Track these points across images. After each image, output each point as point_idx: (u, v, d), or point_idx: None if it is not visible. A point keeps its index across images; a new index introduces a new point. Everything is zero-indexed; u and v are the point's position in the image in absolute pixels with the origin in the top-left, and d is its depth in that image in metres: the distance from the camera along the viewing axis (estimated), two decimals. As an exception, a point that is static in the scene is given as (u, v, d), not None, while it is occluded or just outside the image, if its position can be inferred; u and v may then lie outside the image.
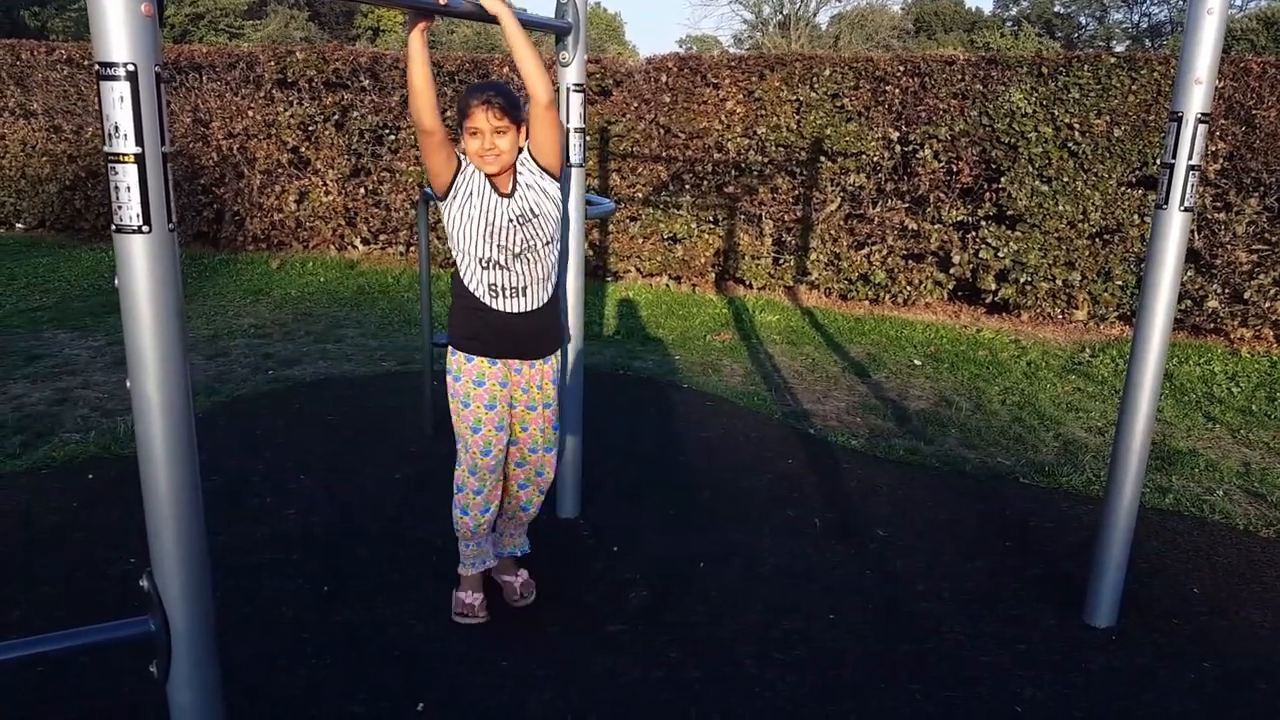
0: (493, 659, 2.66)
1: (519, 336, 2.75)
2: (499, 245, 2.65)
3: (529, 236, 2.66)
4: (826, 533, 3.52)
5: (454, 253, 2.69)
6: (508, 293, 2.69)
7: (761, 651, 2.74)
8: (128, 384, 1.65)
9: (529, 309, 2.73)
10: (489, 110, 2.56)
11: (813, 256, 7.28)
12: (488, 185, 2.63)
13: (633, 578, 3.14)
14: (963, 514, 3.73)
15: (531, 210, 2.66)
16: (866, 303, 7.31)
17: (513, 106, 2.59)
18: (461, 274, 2.71)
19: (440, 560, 3.19)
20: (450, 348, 2.79)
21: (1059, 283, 6.63)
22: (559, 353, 2.90)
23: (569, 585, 3.09)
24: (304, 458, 4.02)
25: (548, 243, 2.71)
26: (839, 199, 7.14)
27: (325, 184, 8.31)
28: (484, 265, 2.66)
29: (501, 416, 2.78)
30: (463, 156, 2.65)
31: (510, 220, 2.65)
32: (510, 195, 2.65)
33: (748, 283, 7.64)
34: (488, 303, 2.69)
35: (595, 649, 2.74)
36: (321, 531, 3.38)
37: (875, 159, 6.93)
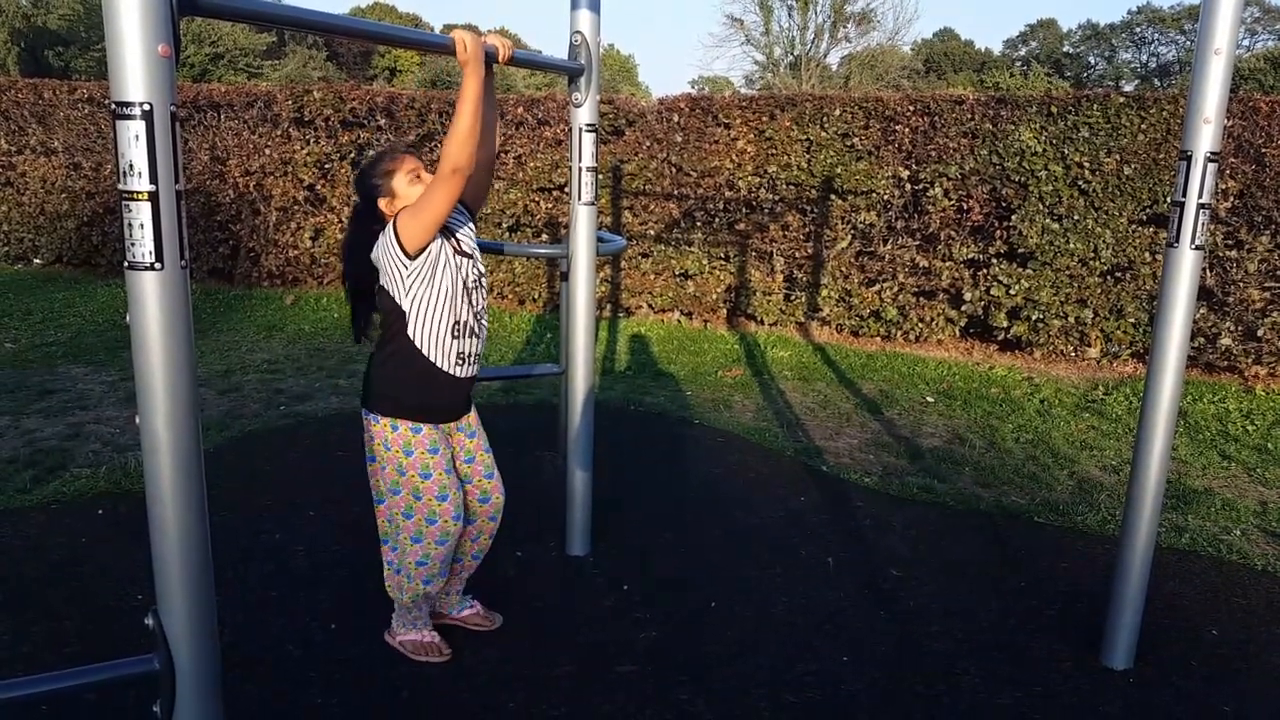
0: (501, 701, 2.63)
1: (465, 397, 2.77)
2: (470, 308, 2.65)
3: (484, 299, 2.72)
4: (839, 572, 3.48)
5: (411, 322, 2.59)
6: (470, 359, 2.69)
7: (774, 693, 2.70)
8: (136, 420, 1.66)
9: (478, 370, 2.77)
10: (411, 153, 2.67)
11: (824, 293, 7.28)
12: (450, 247, 2.62)
13: (643, 617, 3.11)
14: (977, 553, 3.68)
15: (481, 275, 2.72)
16: (878, 339, 7.29)
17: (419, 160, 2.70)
18: (420, 344, 2.60)
19: (448, 598, 3.16)
20: (391, 421, 2.65)
21: (1071, 320, 6.61)
22: None
23: (579, 624, 3.06)
24: (313, 494, 4.02)
25: (485, 309, 2.77)
26: (850, 236, 7.16)
27: (341, 221, 8.39)
28: (455, 334, 2.63)
29: (445, 472, 2.70)
30: None
31: (476, 279, 2.69)
32: (470, 256, 2.68)
33: (759, 319, 7.65)
34: (455, 373, 2.65)
35: (606, 689, 2.70)
36: (329, 569, 3.37)
37: (886, 197, 6.96)
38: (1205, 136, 2.57)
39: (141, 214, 1.55)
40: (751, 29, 37.00)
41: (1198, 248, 2.65)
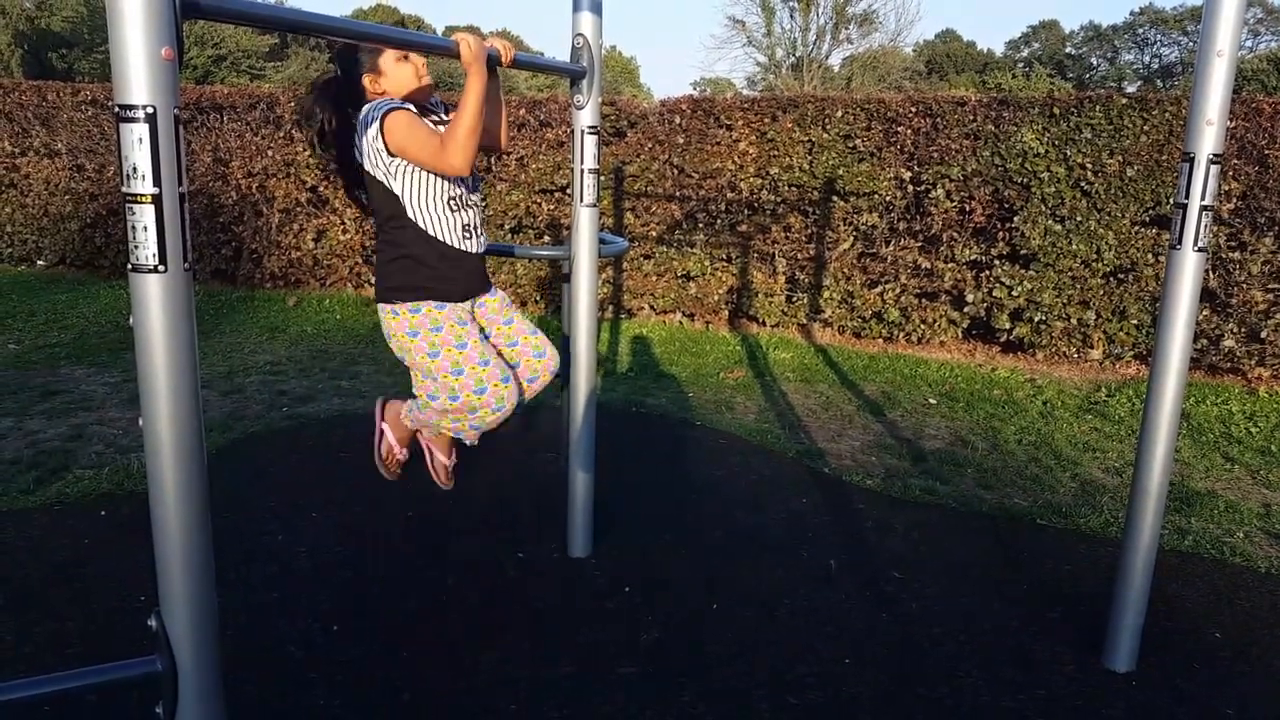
0: (502, 701, 2.64)
1: (479, 272, 2.77)
2: (461, 181, 2.65)
3: (476, 171, 2.73)
4: (841, 574, 3.48)
5: (410, 204, 2.60)
6: (475, 231, 2.70)
7: (775, 695, 2.70)
8: (140, 422, 1.66)
9: (483, 246, 2.77)
10: None
11: (826, 294, 7.28)
12: (434, 128, 2.64)
13: (645, 618, 3.11)
14: (979, 555, 3.68)
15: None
16: (880, 340, 7.29)
17: None
18: (421, 224, 2.62)
19: (450, 600, 3.17)
20: (411, 305, 2.64)
21: (1074, 322, 6.61)
22: None
23: (580, 625, 3.06)
24: (316, 495, 4.02)
25: (480, 182, 2.78)
26: (852, 238, 7.16)
27: (343, 223, 8.40)
28: (452, 207, 2.62)
29: (479, 340, 2.69)
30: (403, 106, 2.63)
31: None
32: (445, 123, 2.69)
33: (761, 320, 7.65)
34: (463, 246, 2.65)
35: (607, 691, 2.70)
36: (332, 570, 3.37)
37: (888, 198, 6.96)
38: (1208, 138, 2.57)
39: (145, 216, 1.56)
40: (753, 30, 37.03)
41: (1200, 249, 2.65)
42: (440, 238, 2.62)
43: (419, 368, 2.70)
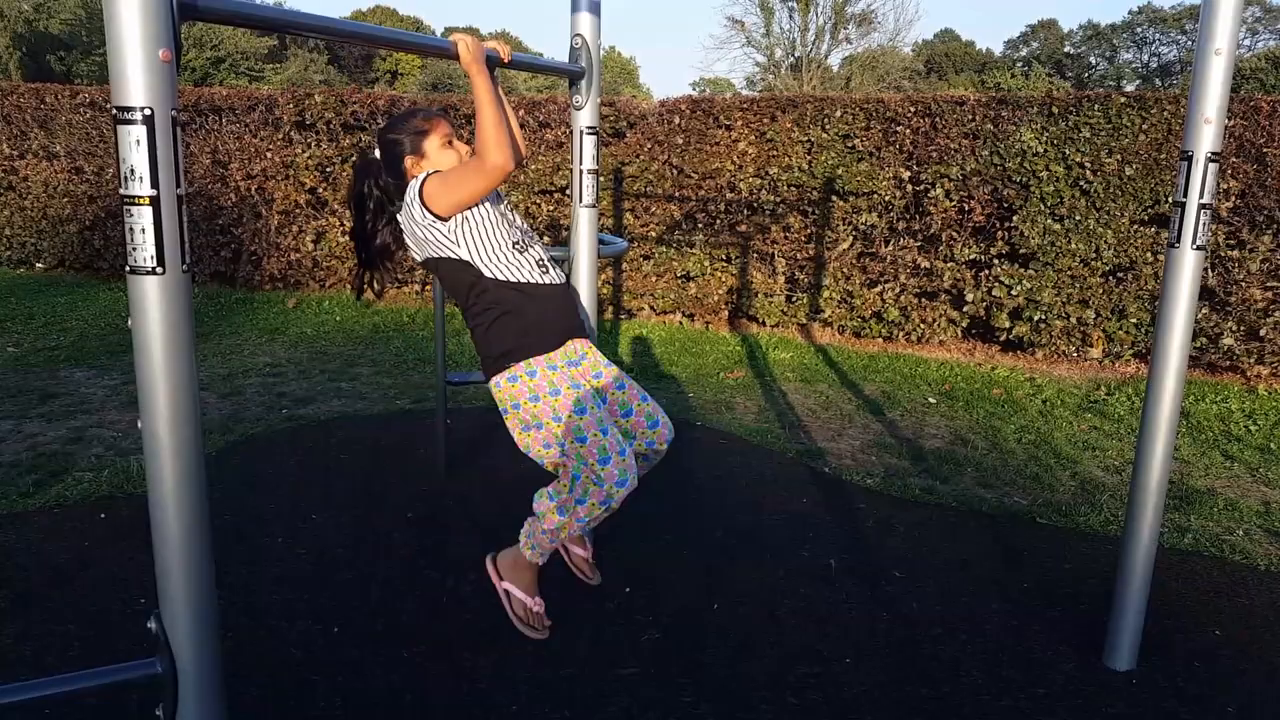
0: (503, 702, 2.63)
1: (571, 307, 2.72)
2: (514, 225, 2.67)
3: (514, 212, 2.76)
4: (842, 573, 3.48)
5: (483, 262, 2.57)
6: (548, 264, 2.68)
7: (776, 695, 2.70)
8: (139, 424, 1.66)
9: (563, 277, 2.72)
10: (445, 117, 2.72)
11: (825, 294, 7.28)
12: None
13: (646, 619, 3.11)
14: (980, 555, 3.68)
15: (498, 191, 2.73)
16: (880, 340, 7.29)
17: None
18: (499, 274, 2.57)
19: (450, 602, 3.17)
20: (525, 367, 2.56)
21: (1073, 320, 6.61)
22: None
23: (581, 626, 3.06)
24: (316, 497, 4.02)
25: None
26: (851, 237, 7.16)
27: (342, 224, 8.40)
28: (519, 249, 2.62)
29: (596, 407, 2.58)
30: None
31: (502, 198, 2.73)
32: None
33: (761, 320, 7.65)
34: (541, 280, 2.62)
35: (608, 691, 2.70)
36: (332, 572, 3.37)
37: (887, 198, 6.96)
38: (1206, 136, 2.57)
39: (143, 218, 1.56)
40: (752, 30, 37.05)
41: (1199, 248, 2.65)
42: (520, 279, 2.57)
43: (547, 432, 2.58)
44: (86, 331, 7.06)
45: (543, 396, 2.58)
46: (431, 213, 2.52)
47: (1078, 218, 6.44)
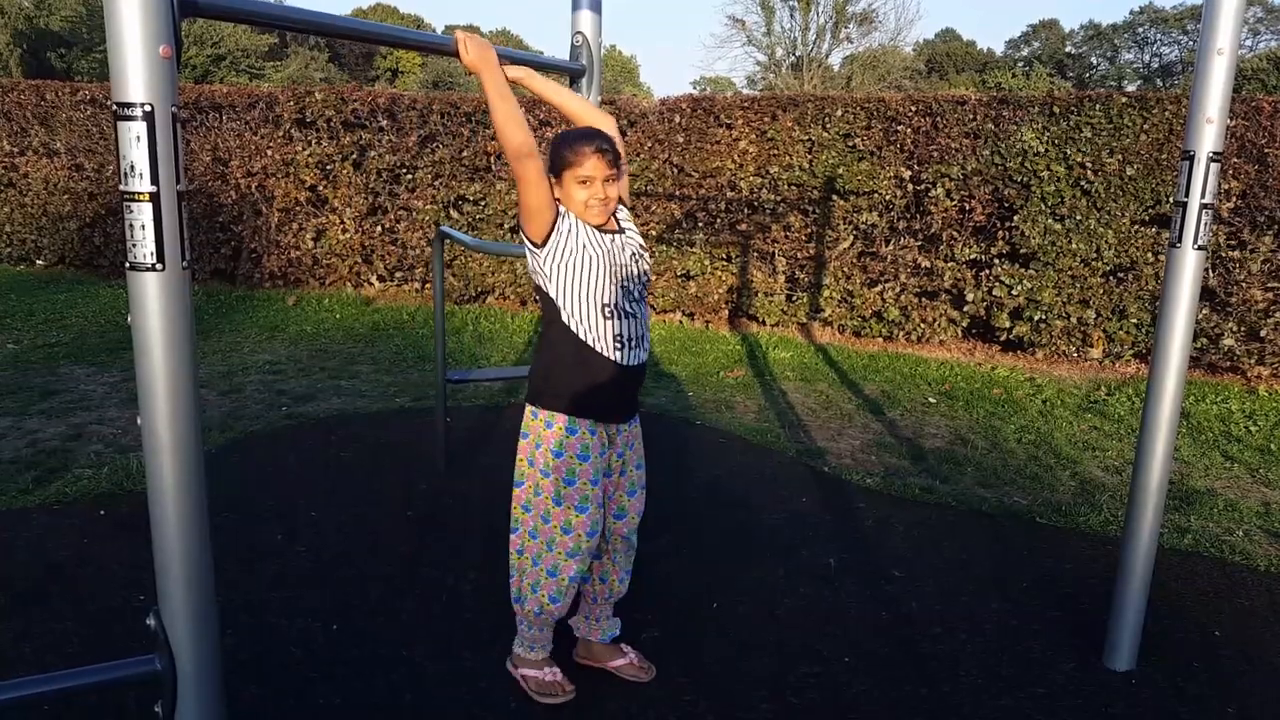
0: (503, 701, 2.63)
1: (630, 393, 2.57)
2: (623, 287, 2.46)
3: (644, 274, 2.53)
4: (841, 573, 3.48)
5: (563, 307, 2.45)
6: (633, 343, 2.49)
7: (776, 695, 2.70)
8: (138, 421, 1.66)
9: (644, 360, 2.55)
10: (602, 158, 2.42)
11: (826, 293, 7.28)
12: (593, 229, 2.46)
13: (645, 618, 3.10)
14: (980, 554, 3.68)
15: (641, 246, 2.55)
16: (880, 340, 7.29)
17: (619, 155, 2.48)
18: (575, 329, 2.45)
19: (451, 600, 3.16)
20: (548, 417, 2.49)
21: (1073, 320, 6.60)
22: None
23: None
24: (315, 494, 4.02)
25: (648, 284, 2.56)
26: (851, 237, 7.16)
27: (343, 222, 8.40)
28: (606, 315, 2.44)
29: (603, 489, 2.55)
30: (560, 205, 2.48)
31: (633, 255, 2.50)
32: (621, 232, 2.52)
33: (761, 319, 7.65)
34: (614, 358, 2.46)
35: (608, 691, 2.70)
36: (332, 570, 3.37)
37: (888, 198, 6.96)
38: (1208, 136, 2.57)
39: (143, 215, 1.55)
40: (753, 30, 37.03)
41: (1200, 248, 2.64)
42: (589, 343, 2.45)
43: (529, 473, 2.55)
44: (86, 328, 7.06)
45: (545, 446, 2.52)
46: (529, 239, 2.45)
47: (1078, 218, 6.44)
